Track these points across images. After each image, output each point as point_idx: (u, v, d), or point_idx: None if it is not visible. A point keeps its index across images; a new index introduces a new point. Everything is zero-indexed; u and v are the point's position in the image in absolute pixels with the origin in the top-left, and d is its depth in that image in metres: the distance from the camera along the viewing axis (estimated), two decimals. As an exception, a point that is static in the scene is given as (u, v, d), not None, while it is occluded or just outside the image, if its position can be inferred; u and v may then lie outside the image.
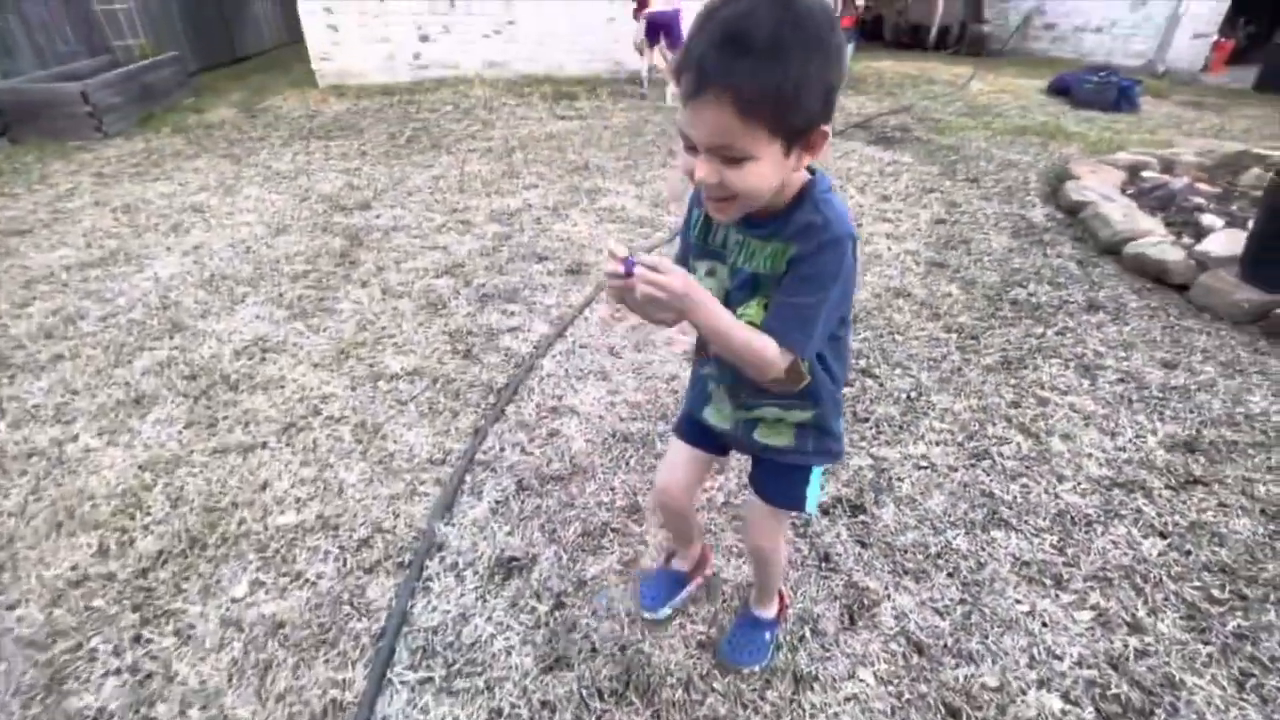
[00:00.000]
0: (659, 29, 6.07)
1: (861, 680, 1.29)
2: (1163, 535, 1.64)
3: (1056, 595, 1.48)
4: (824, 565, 1.55)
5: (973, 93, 7.13)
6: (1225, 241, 2.96)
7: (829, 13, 0.71)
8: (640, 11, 6.13)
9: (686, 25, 0.78)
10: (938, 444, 1.94)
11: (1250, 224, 3.22)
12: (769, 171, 0.75)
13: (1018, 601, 1.46)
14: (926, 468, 1.85)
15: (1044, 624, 1.41)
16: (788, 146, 0.74)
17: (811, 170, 0.86)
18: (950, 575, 1.52)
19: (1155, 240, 3.08)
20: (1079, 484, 1.80)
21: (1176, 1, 8.02)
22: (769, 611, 1.38)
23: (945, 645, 1.36)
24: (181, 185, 4.02)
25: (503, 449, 1.89)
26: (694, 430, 1.19)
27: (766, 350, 0.83)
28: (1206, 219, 3.35)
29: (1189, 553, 1.59)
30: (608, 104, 6.23)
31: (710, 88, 0.69)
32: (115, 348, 2.32)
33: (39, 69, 5.76)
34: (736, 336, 0.83)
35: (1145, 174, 4.20)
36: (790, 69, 0.68)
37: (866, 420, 2.03)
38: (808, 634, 1.38)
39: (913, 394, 2.16)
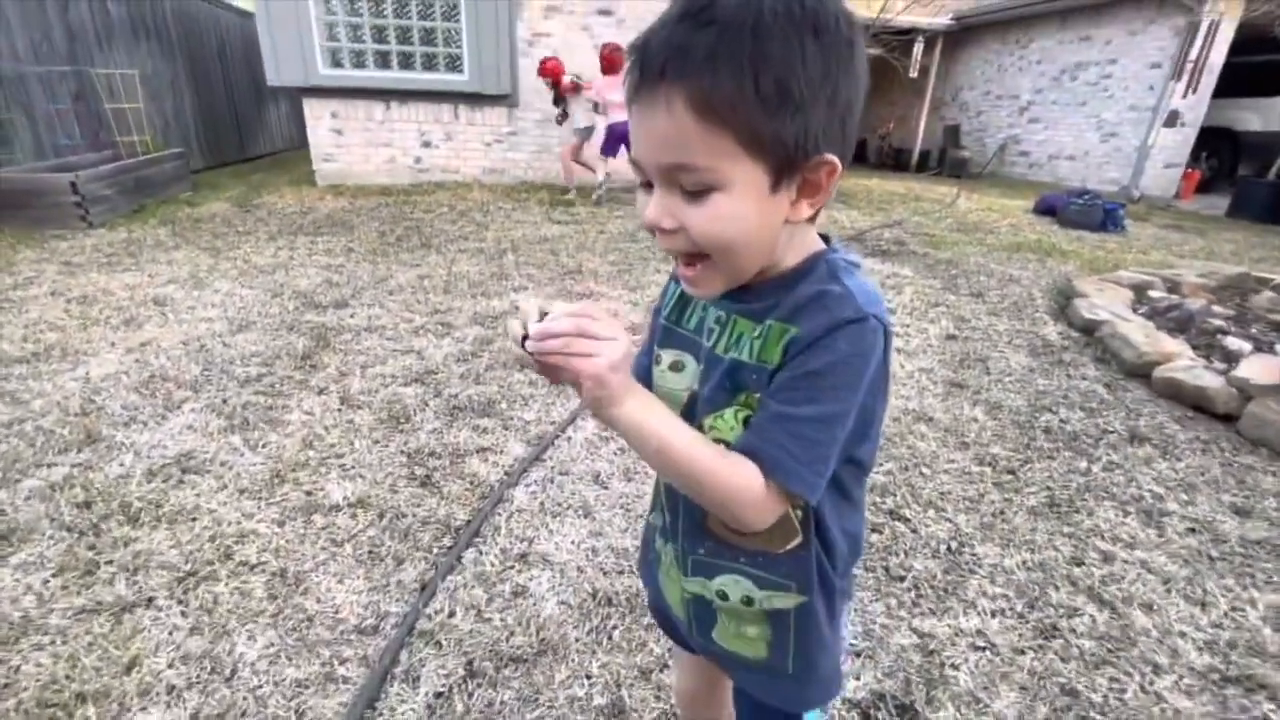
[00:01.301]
0: (620, 140, 6.14)
1: None
2: (1310, 761, 1.25)
3: None
4: (872, 806, 1.14)
5: (961, 210, 7.31)
6: (1263, 368, 2.75)
7: (840, 3, 0.50)
8: (566, 91, 6.28)
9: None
10: (994, 614, 1.57)
11: (1281, 349, 3.06)
12: (746, 211, 0.52)
13: None
14: (985, 649, 1.48)
15: None
16: (775, 175, 0.51)
17: (826, 239, 0.61)
18: (1046, 827, 1.11)
19: (1186, 364, 2.87)
20: (1181, 678, 1.42)
21: (1145, 134, 8.50)
22: None
23: None
24: (150, 276, 3.80)
25: (453, 613, 1.50)
26: (674, 623, 0.84)
27: (743, 481, 0.54)
28: (1232, 342, 3.17)
29: (1351, 790, 1.20)
30: (603, 211, 6.27)
31: (657, 79, 0.49)
32: (6, 463, 1.95)
33: (37, 160, 5.78)
34: (692, 454, 0.54)
35: (1152, 293, 4.10)
36: (771, 49, 0.47)
37: (902, 579, 1.67)
38: None
39: (952, 544, 1.81)
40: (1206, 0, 7.66)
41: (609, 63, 5.96)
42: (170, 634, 1.39)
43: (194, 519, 1.75)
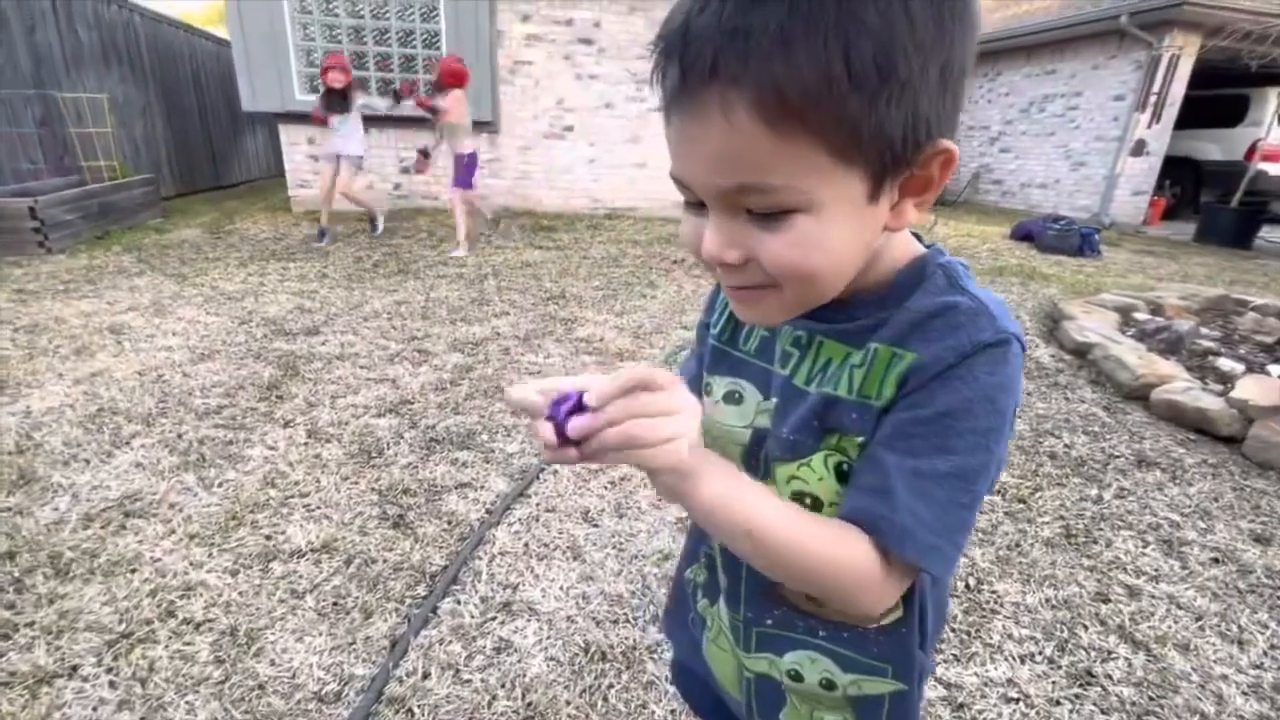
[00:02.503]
0: (471, 170, 5.10)
1: None
2: (1384, 824, 1.13)
3: None
4: None
5: (940, 236, 7.38)
6: (1261, 389, 2.71)
7: None
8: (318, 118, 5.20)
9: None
10: (1022, 659, 1.45)
11: (1274, 370, 3.05)
12: (837, 232, 0.40)
13: None
14: (1018, 700, 1.34)
15: None
16: (874, 180, 0.39)
17: (919, 237, 0.50)
18: None
19: (1183, 386, 2.82)
20: (1232, 728, 1.30)
21: (1112, 163, 8.74)
22: None
23: None
24: (109, 304, 3.60)
25: (428, 674, 1.33)
26: (701, 693, 0.70)
27: (859, 559, 0.43)
28: (1225, 364, 3.15)
29: None
30: (586, 236, 6.20)
31: (706, 78, 0.36)
32: (-78, 509, 1.75)
33: (-4, 185, 5.55)
34: (795, 536, 0.42)
35: (1137, 315, 4.11)
36: (864, 11, 0.34)
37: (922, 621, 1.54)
38: None
39: (970, 580, 1.69)
40: (1165, 35, 7.98)
41: (450, 76, 4.88)
42: (95, 709, 1.20)
43: (134, 570, 1.55)
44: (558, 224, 6.72)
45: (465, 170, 5.07)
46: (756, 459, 0.53)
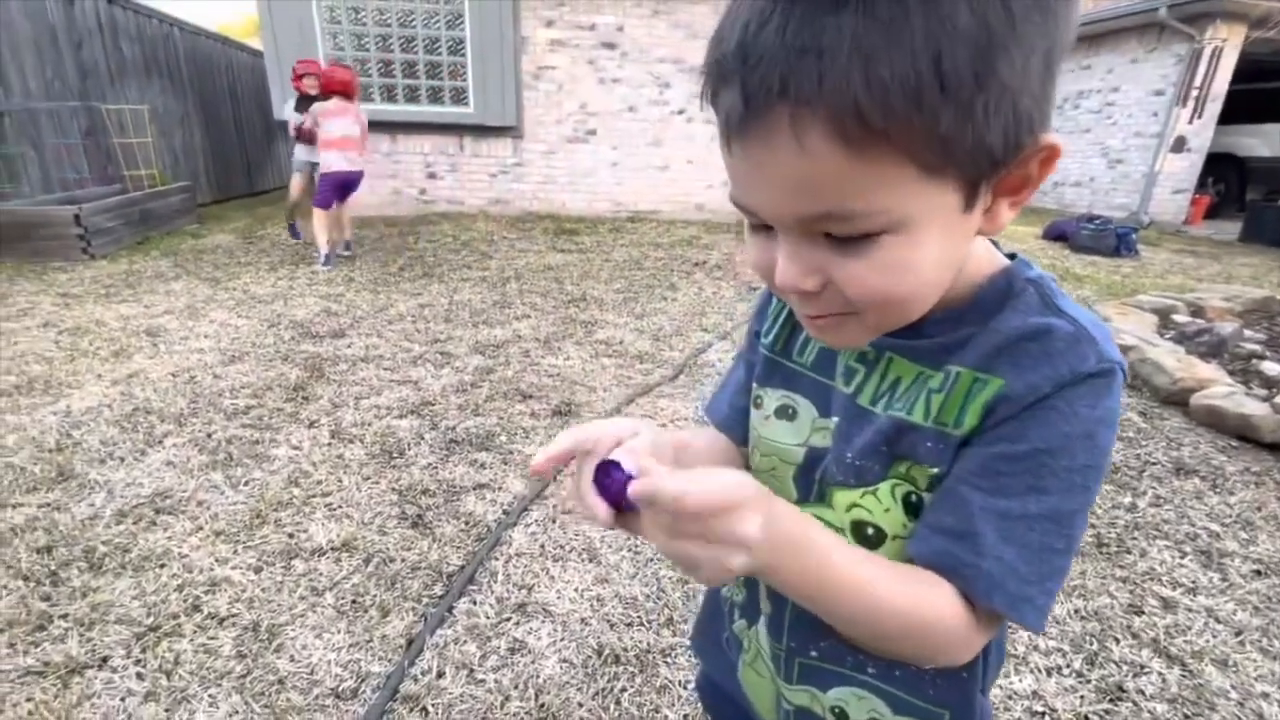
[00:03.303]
0: (338, 188, 4.81)
1: None
2: None
3: None
4: None
5: (969, 237, 7.23)
6: (1309, 394, 2.59)
7: None
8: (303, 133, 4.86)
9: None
10: (1049, 672, 1.40)
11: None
12: (927, 251, 0.36)
13: None
14: (1044, 714, 1.30)
15: None
16: (969, 190, 0.35)
17: (996, 245, 0.45)
18: None
19: (1225, 391, 2.71)
20: (1274, 750, 1.24)
21: (1152, 160, 8.46)
22: None
23: None
24: (146, 307, 3.72)
25: (442, 673, 1.34)
26: (732, 714, 0.66)
27: (940, 610, 0.40)
28: (1270, 368, 3.02)
29: None
30: (608, 239, 6.22)
31: (773, 100, 0.32)
32: (-32, 504, 1.82)
33: (45, 194, 5.79)
34: (868, 589, 0.39)
35: (1176, 318, 3.96)
36: (955, 11, 0.30)
37: (943, 631, 1.50)
38: None
39: (995, 589, 1.64)
40: (1208, 27, 7.70)
41: (333, 84, 4.46)
42: (122, 700, 1.24)
43: (162, 565, 1.60)
44: (580, 227, 6.76)
45: (334, 188, 4.73)
46: (811, 480, 0.50)
